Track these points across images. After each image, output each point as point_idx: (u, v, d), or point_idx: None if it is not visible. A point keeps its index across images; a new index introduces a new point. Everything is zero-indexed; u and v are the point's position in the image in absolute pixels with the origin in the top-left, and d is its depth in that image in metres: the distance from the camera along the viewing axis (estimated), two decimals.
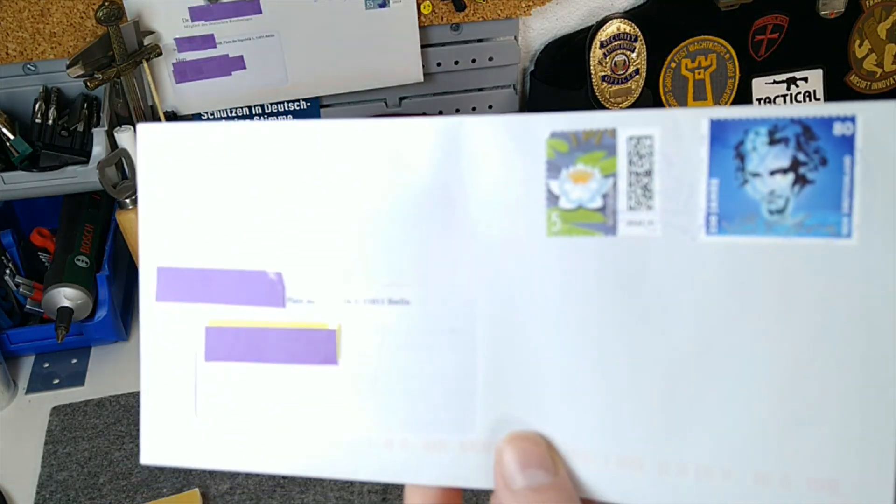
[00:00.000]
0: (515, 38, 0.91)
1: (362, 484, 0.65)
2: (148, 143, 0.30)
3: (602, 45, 0.87)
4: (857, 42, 0.92)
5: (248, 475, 0.66)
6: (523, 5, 0.88)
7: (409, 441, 0.29)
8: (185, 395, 0.30)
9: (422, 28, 0.87)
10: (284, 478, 0.66)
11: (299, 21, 0.84)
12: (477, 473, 0.29)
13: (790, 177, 0.26)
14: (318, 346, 0.30)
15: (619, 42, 0.87)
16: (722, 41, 0.89)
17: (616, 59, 0.87)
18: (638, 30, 0.87)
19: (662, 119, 0.27)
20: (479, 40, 0.91)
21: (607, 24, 0.86)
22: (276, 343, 0.30)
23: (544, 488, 0.27)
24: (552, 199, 0.28)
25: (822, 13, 0.90)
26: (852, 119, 0.26)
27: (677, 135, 0.27)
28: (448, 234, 0.29)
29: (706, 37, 0.89)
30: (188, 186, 0.30)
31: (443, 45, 0.90)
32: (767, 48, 0.91)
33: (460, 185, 0.28)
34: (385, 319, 0.29)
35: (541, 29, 0.92)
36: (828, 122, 0.26)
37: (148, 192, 0.30)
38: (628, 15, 0.87)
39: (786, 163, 0.26)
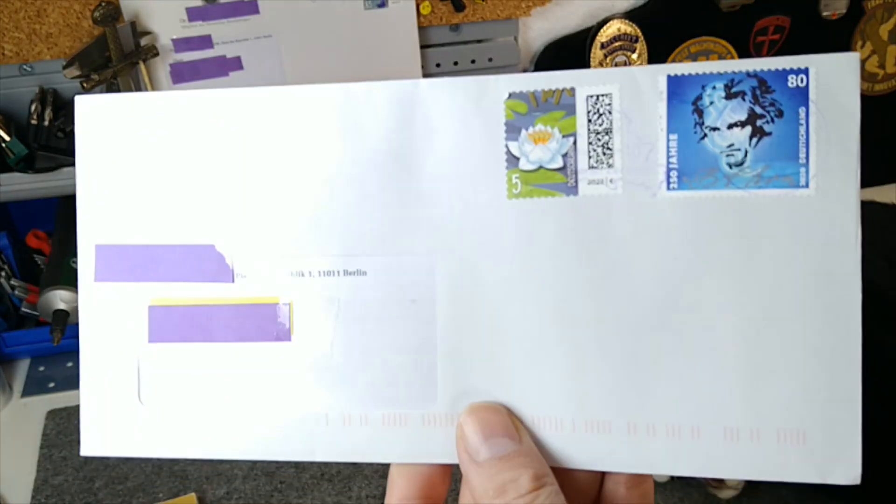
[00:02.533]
0: (515, 38, 0.90)
1: (360, 489, 0.64)
2: (85, 115, 0.29)
3: (602, 46, 0.86)
4: (859, 44, 0.92)
5: (245, 480, 0.65)
6: (523, 6, 0.88)
7: (369, 417, 0.28)
8: (127, 380, 0.29)
9: (421, 28, 0.86)
10: (282, 482, 0.65)
11: (297, 21, 0.83)
12: (441, 448, 0.28)
13: (748, 129, 0.27)
14: (270, 323, 0.28)
15: (619, 43, 0.86)
16: (723, 42, 0.89)
17: (617, 59, 0.87)
18: (639, 30, 0.86)
19: (621, 77, 0.27)
20: (479, 41, 0.90)
21: (608, 24, 0.86)
22: (225, 320, 0.29)
23: (510, 456, 0.26)
24: (512, 160, 0.28)
25: (823, 14, 0.90)
26: (805, 71, 0.26)
27: (636, 92, 0.27)
28: (405, 201, 0.28)
29: (707, 38, 0.88)
30: (128, 159, 0.29)
31: (442, 45, 0.89)
32: (769, 49, 0.90)
33: (417, 150, 0.28)
34: (341, 292, 0.28)
35: (541, 30, 0.91)
36: (782, 75, 0.26)
37: (85, 166, 0.29)
38: (629, 16, 0.86)
39: (743, 116, 0.27)
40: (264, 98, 0.28)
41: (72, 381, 0.76)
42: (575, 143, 0.27)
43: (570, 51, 0.89)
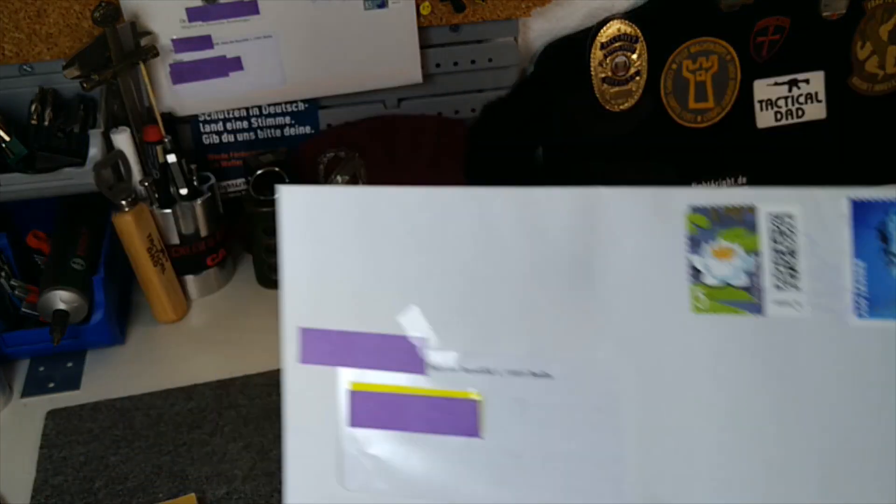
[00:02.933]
0: (515, 39, 0.90)
1: None
2: (291, 204, 0.31)
3: (602, 47, 0.86)
4: (859, 44, 0.92)
5: (245, 480, 0.65)
6: (523, 6, 0.88)
7: None
8: (329, 462, 0.31)
9: (421, 29, 0.86)
10: (282, 483, 0.65)
11: (297, 22, 0.83)
12: None
13: None
14: (461, 417, 0.30)
15: (619, 43, 0.86)
16: (723, 42, 0.89)
17: (617, 60, 0.87)
18: (638, 31, 0.86)
19: (801, 197, 0.27)
20: (479, 41, 0.90)
21: (607, 25, 0.86)
22: (419, 411, 0.30)
23: None
24: (695, 274, 0.28)
25: (823, 14, 0.90)
26: None
27: (818, 213, 0.27)
28: (587, 306, 0.29)
29: (707, 38, 0.88)
30: (329, 248, 0.30)
31: (442, 45, 0.89)
32: (769, 50, 0.90)
33: (599, 256, 0.29)
34: (528, 392, 0.29)
35: (540, 30, 0.91)
36: None
37: (291, 252, 0.31)
38: (629, 16, 0.86)
39: None
40: (453, 197, 0.30)
41: (71, 381, 0.76)
42: (759, 261, 0.28)
43: (570, 51, 0.89)
